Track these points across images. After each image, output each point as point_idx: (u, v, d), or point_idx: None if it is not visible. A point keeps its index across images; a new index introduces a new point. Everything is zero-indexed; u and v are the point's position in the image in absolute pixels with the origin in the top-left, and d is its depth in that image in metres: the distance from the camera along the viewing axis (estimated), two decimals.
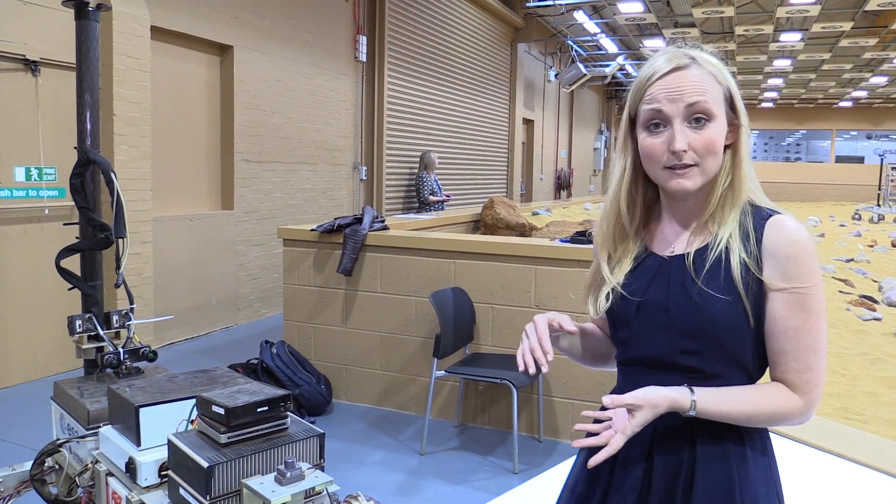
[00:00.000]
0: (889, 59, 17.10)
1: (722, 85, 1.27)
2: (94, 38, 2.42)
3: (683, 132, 1.23)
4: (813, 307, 1.21)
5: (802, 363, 1.22)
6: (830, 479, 2.22)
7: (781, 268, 1.21)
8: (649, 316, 1.30)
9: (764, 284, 1.22)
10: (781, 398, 1.22)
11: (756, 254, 1.22)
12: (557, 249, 4.05)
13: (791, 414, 1.23)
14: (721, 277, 1.23)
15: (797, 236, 1.21)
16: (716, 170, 1.27)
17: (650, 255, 1.35)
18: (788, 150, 31.66)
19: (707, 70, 1.26)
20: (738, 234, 1.24)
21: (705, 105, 1.23)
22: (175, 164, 6.23)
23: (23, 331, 4.89)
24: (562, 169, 17.54)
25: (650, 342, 1.29)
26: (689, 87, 1.24)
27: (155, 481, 1.68)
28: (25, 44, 4.74)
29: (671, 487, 1.28)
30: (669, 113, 1.24)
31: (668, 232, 1.35)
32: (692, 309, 1.24)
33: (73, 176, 2.39)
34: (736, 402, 1.22)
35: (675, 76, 1.25)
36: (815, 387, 1.23)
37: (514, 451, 3.73)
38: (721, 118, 1.26)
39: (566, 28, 14.48)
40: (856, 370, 4.45)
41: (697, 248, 1.28)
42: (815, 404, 1.23)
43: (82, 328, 2.26)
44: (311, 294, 4.72)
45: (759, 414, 1.22)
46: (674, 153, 1.23)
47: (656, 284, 1.30)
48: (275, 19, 7.14)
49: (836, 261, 8.60)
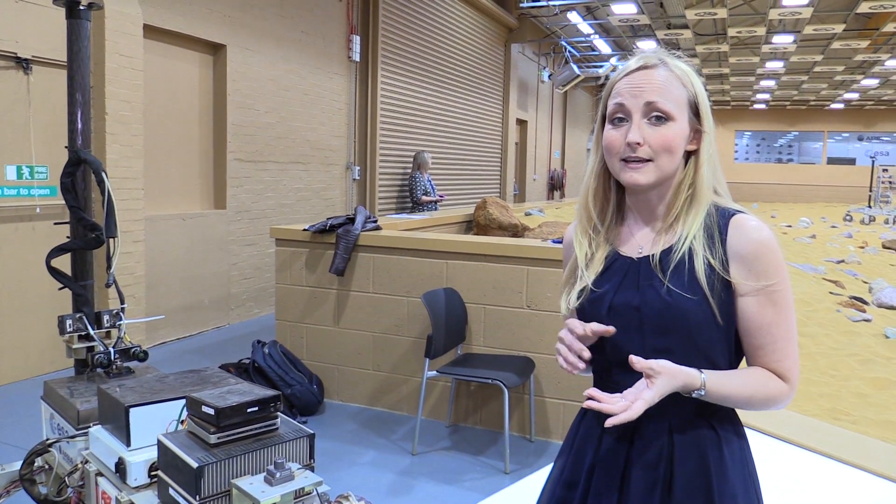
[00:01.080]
0: (880, 61, 17.19)
1: (687, 89, 1.31)
2: (85, 37, 2.41)
3: (641, 127, 1.28)
4: (782, 302, 1.27)
5: (780, 353, 1.28)
6: (819, 480, 2.23)
7: (748, 268, 1.26)
8: (620, 316, 1.32)
9: (732, 284, 1.27)
10: (773, 383, 1.28)
11: (721, 255, 1.26)
12: (549, 250, 4.06)
13: (780, 397, 1.29)
14: (686, 278, 1.27)
15: (759, 235, 1.26)
16: (671, 169, 1.31)
17: (619, 257, 1.38)
18: (780, 152, 31.77)
19: (674, 73, 1.31)
20: (701, 235, 1.28)
21: (663, 105, 1.28)
22: (167, 163, 6.21)
23: (13, 330, 4.87)
24: (555, 169, 17.57)
25: (623, 343, 1.31)
26: (651, 86, 1.28)
27: (145, 481, 1.68)
28: (17, 42, 4.73)
29: (650, 484, 1.30)
30: (630, 107, 1.29)
31: (636, 234, 1.38)
32: (662, 306, 1.27)
33: (64, 175, 2.38)
34: (738, 386, 1.26)
35: (641, 73, 1.30)
36: (795, 371, 1.30)
37: (506, 452, 3.74)
38: (681, 121, 1.29)
39: (560, 29, 14.50)
40: (845, 371, 4.47)
41: (663, 248, 1.32)
42: (796, 386, 1.30)
43: (73, 328, 2.26)
44: (303, 294, 4.72)
45: (756, 397, 1.27)
46: (629, 145, 1.28)
47: (626, 286, 1.33)
48: (268, 18, 7.13)
49: (826, 262, 8.65)
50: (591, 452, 1.39)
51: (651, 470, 1.30)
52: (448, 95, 11.26)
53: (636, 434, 1.33)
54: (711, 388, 1.24)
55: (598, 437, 1.38)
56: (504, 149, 13.75)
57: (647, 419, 1.26)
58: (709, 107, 1.33)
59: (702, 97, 1.32)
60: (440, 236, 4.85)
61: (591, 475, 1.37)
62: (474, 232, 7.39)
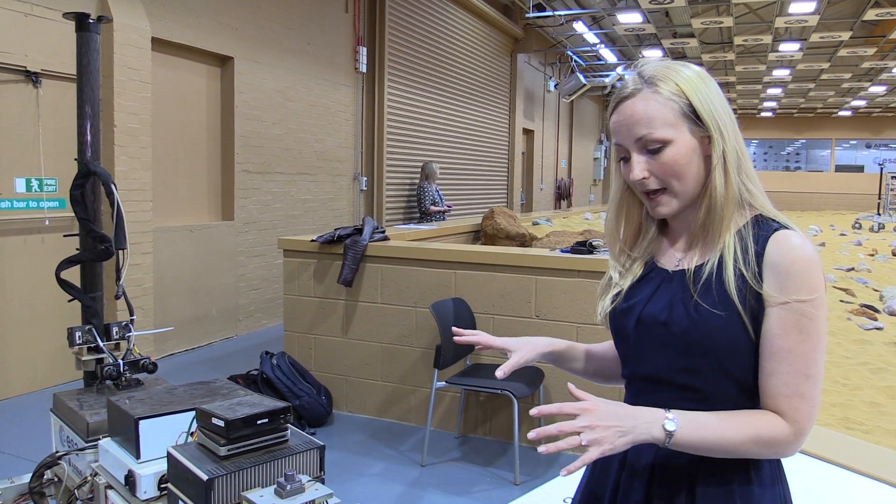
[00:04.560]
0: (888, 68, 17.15)
1: (678, 102, 1.22)
2: (94, 50, 2.43)
3: (640, 162, 1.24)
4: (810, 329, 1.15)
5: (792, 388, 1.15)
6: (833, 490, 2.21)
7: (781, 281, 1.15)
8: (647, 330, 1.27)
9: (763, 299, 1.17)
10: (769, 425, 1.15)
11: (755, 267, 1.18)
12: (558, 260, 4.05)
13: (777, 442, 1.15)
14: (716, 292, 1.19)
15: (802, 252, 1.16)
16: (688, 190, 1.24)
17: (656, 268, 1.33)
18: (788, 160, 31.72)
19: (659, 92, 1.22)
20: (735, 246, 1.21)
21: (651, 136, 1.21)
22: (175, 175, 6.24)
23: (22, 342, 4.88)
24: (562, 179, 17.56)
25: (649, 359, 1.27)
26: (634, 121, 1.23)
27: (154, 494, 1.67)
28: (26, 55, 4.76)
29: None
30: (626, 146, 1.26)
31: (674, 246, 1.33)
32: (689, 324, 1.20)
33: (73, 187, 2.39)
34: (720, 431, 1.14)
35: (623, 108, 1.25)
36: (806, 416, 1.15)
37: (516, 462, 3.72)
38: (680, 139, 1.22)
39: (566, 38, 14.53)
40: (857, 380, 4.44)
41: (698, 263, 1.25)
42: (804, 434, 1.16)
43: (82, 340, 2.26)
44: (311, 305, 4.72)
45: (743, 442, 1.15)
46: (636, 182, 1.25)
47: (657, 299, 1.28)
48: (275, 30, 7.17)
49: (836, 270, 8.60)
50: (616, 467, 1.34)
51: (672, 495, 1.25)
52: (455, 105, 11.28)
53: (655, 476, 1.27)
54: (681, 436, 1.13)
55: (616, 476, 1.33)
56: (511, 158, 13.76)
57: (668, 459, 1.22)
58: (714, 105, 1.22)
59: (698, 102, 1.22)
60: (448, 246, 4.84)
61: (616, 491, 1.33)
62: (482, 242, 7.39)
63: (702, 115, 1.22)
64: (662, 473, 1.26)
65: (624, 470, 1.32)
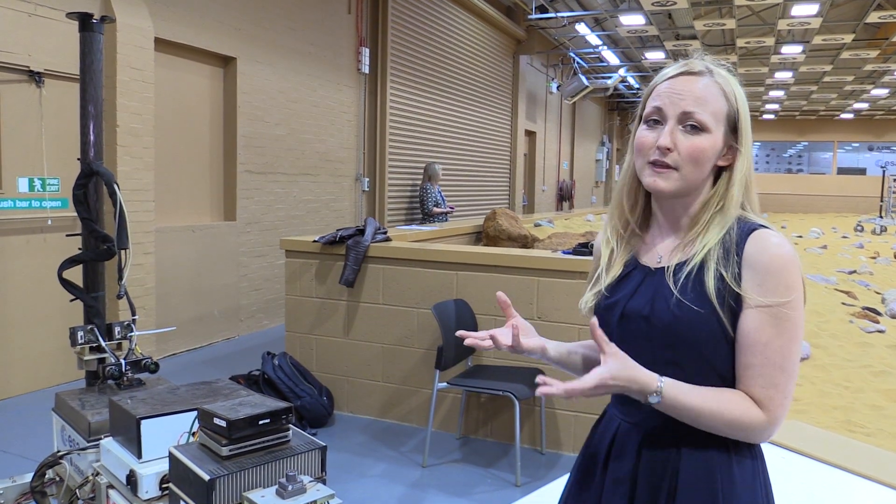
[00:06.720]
0: (890, 70, 17.13)
1: (729, 104, 1.28)
2: (98, 50, 2.43)
3: (674, 133, 1.26)
4: (785, 326, 1.19)
5: (767, 379, 1.20)
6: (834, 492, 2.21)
7: (758, 280, 1.20)
8: (631, 325, 1.32)
9: (741, 298, 1.21)
10: (745, 408, 1.21)
11: (735, 267, 1.22)
12: (559, 261, 4.05)
13: (751, 427, 1.21)
14: (695, 290, 1.24)
15: (779, 251, 1.21)
16: (695, 180, 1.29)
17: (638, 265, 1.37)
18: (790, 162, 31.68)
19: (718, 84, 1.28)
20: (717, 248, 1.25)
21: (700, 116, 1.26)
22: (178, 175, 6.24)
23: (25, 341, 4.89)
24: (564, 180, 17.55)
25: (633, 352, 1.28)
26: (691, 95, 1.27)
27: (156, 494, 1.67)
28: (30, 55, 4.77)
29: (654, 495, 1.29)
30: (667, 112, 1.28)
31: (658, 244, 1.37)
32: (670, 319, 1.25)
33: (76, 187, 2.40)
34: (701, 400, 1.20)
35: (683, 79, 1.29)
36: (779, 406, 1.20)
37: (517, 464, 3.71)
38: (716, 134, 1.27)
39: (568, 40, 14.53)
40: (859, 383, 4.43)
41: (679, 261, 1.30)
42: (777, 423, 1.21)
43: (84, 339, 2.26)
44: (313, 305, 4.72)
45: (721, 417, 1.20)
46: (658, 148, 1.26)
47: (640, 294, 1.32)
48: (278, 31, 7.17)
49: (838, 272, 8.58)
50: (601, 460, 1.39)
51: (656, 481, 1.29)
52: (457, 107, 11.29)
53: (643, 446, 1.31)
54: (669, 394, 1.20)
55: (608, 446, 1.38)
56: (513, 160, 13.75)
57: (656, 434, 1.27)
58: (749, 125, 1.30)
59: (743, 114, 1.28)
60: (450, 247, 4.84)
61: (602, 485, 1.37)
62: (484, 243, 7.39)
63: (741, 128, 1.29)
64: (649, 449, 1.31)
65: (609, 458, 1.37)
